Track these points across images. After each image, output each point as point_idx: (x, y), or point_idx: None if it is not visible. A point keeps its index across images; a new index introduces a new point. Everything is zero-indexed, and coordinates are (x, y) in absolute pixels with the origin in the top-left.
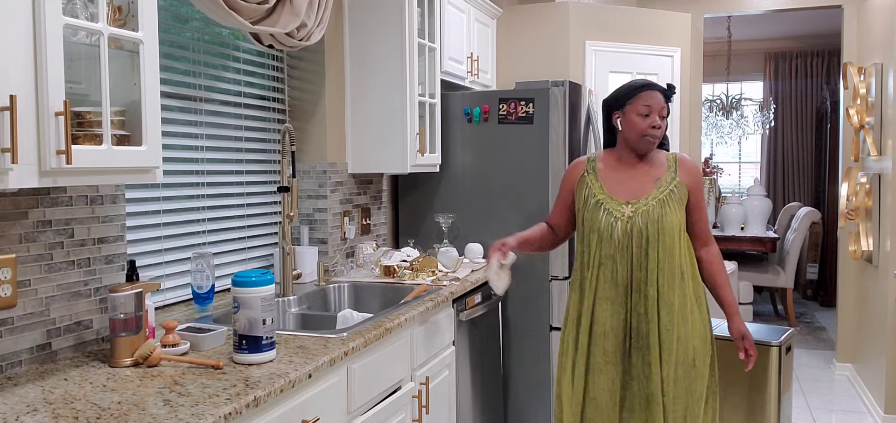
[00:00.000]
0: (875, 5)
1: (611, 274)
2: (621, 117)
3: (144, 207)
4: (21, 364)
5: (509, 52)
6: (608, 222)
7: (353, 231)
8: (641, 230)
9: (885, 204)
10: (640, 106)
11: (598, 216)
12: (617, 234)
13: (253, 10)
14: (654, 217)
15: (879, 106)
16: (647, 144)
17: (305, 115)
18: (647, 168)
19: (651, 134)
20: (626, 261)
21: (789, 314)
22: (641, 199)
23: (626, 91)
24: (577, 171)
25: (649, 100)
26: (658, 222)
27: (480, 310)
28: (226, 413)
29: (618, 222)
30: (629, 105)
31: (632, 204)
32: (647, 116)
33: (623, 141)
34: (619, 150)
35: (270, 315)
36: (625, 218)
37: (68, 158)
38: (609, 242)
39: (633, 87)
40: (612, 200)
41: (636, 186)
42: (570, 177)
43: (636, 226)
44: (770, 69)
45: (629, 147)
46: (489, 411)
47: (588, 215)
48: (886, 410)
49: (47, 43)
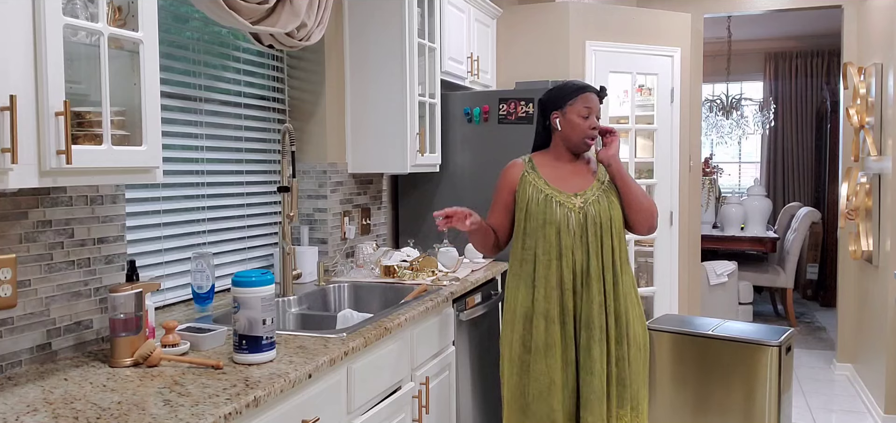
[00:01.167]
0: (875, 5)
1: (569, 264)
2: (561, 118)
3: (144, 208)
4: (21, 364)
5: (509, 52)
6: (563, 213)
7: (353, 231)
8: (595, 219)
9: (885, 204)
10: (580, 107)
11: (552, 209)
12: (572, 224)
13: (253, 10)
14: (605, 206)
15: (879, 106)
16: (586, 145)
17: (305, 115)
18: (583, 165)
19: (591, 135)
20: (583, 250)
21: (789, 314)
22: (587, 190)
23: (567, 93)
24: (515, 171)
25: (589, 102)
26: (609, 210)
27: (480, 310)
28: (226, 413)
29: (571, 212)
30: (569, 106)
31: (580, 196)
32: (587, 118)
33: (561, 141)
34: (556, 150)
35: (270, 315)
36: (577, 209)
37: (68, 158)
38: (566, 232)
39: (573, 88)
40: (560, 193)
41: (579, 181)
42: (510, 177)
43: (589, 215)
44: (770, 69)
45: (567, 147)
46: (489, 411)
47: (537, 210)
48: (886, 410)
49: (47, 43)
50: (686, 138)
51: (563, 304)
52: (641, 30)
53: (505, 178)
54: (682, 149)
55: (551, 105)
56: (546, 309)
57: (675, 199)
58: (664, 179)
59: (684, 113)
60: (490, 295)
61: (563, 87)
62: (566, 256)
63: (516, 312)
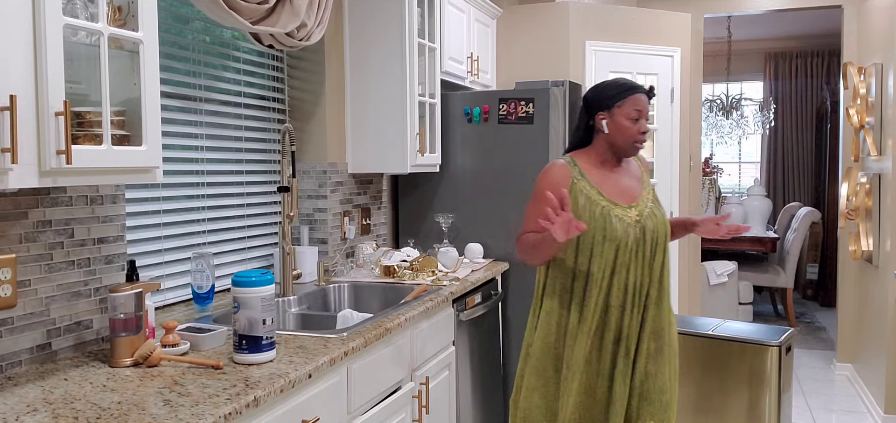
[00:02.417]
0: (875, 5)
1: (622, 282)
2: (608, 120)
3: (144, 208)
4: (21, 364)
5: (509, 52)
6: (623, 228)
7: (353, 231)
8: (652, 233)
9: (885, 204)
10: (630, 109)
11: (612, 224)
12: (630, 241)
13: (253, 11)
14: (660, 219)
15: (879, 106)
16: (635, 149)
17: (305, 115)
18: (628, 169)
19: (640, 139)
20: (637, 266)
21: (789, 314)
22: (639, 201)
23: (615, 92)
24: (562, 176)
25: (639, 103)
26: (663, 224)
27: (480, 310)
28: (226, 413)
29: (629, 227)
30: (618, 108)
31: (634, 208)
32: (636, 121)
33: (606, 143)
34: (600, 152)
35: (270, 315)
36: (633, 222)
37: (68, 158)
38: (624, 249)
39: (622, 87)
40: (616, 205)
41: (629, 189)
42: (557, 183)
43: (647, 229)
44: (770, 69)
45: (613, 150)
46: (489, 411)
47: (594, 224)
48: (886, 410)
49: (47, 43)
50: (686, 138)
51: (608, 321)
52: (641, 30)
53: (550, 182)
54: (682, 149)
55: (597, 105)
56: (592, 327)
57: (675, 199)
58: (664, 180)
59: (684, 113)
60: (490, 295)
61: (610, 85)
62: (620, 272)
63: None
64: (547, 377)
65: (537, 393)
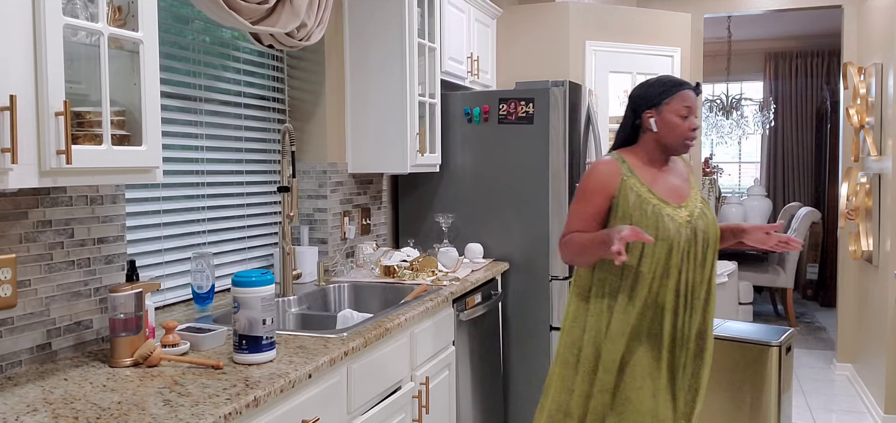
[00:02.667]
0: (875, 5)
1: (674, 283)
2: (657, 117)
3: (144, 208)
4: (21, 364)
5: (509, 52)
6: (675, 227)
7: (353, 231)
8: (703, 234)
9: (885, 204)
10: (679, 106)
11: (664, 224)
12: (681, 241)
13: (253, 11)
14: (711, 220)
15: (879, 106)
16: (685, 147)
17: (305, 115)
18: (675, 169)
19: (691, 137)
20: (689, 267)
21: (789, 314)
22: (688, 201)
23: (662, 89)
24: (612, 173)
25: (688, 100)
26: (714, 225)
27: (480, 310)
28: (226, 413)
29: (681, 227)
30: (666, 104)
31: (684, 208)
32: (686, 118)
33: (654, 142)
34: (648, 151)
35: (270, 315)
36: (684, 222)
37: (68, 158)
38: (676, 249)
39: (670, 84)
40: (668, 204)
41: (678, 189)
42: (607, 180)
43: (698, 230)
44: (770, 69)
45: (662, 149)
46: (489, 411)
47: (645, 223)
48: (886, 410)
49: (47, 43)
50: None
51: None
52: (641, 30)
53: (599, 179)
54: None
55: (644, 102)
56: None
57: None
58: None
59: None
60: (490, 295)
61: (657, 82)
62: (672, 274)
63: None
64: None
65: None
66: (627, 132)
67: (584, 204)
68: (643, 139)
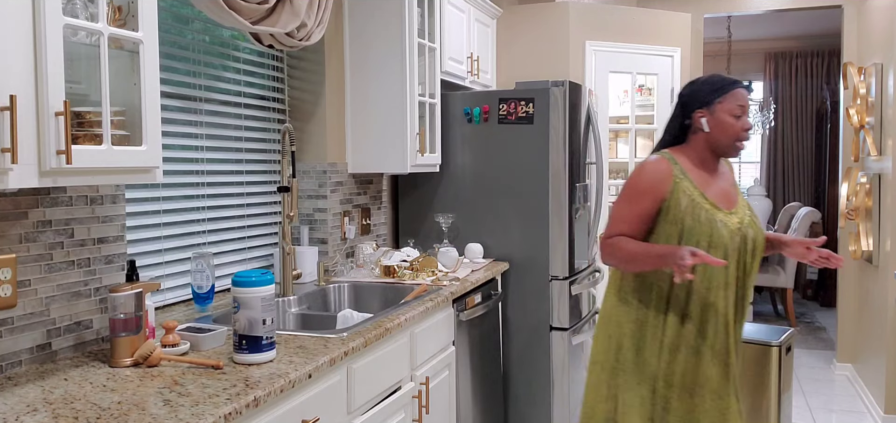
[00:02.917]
0: (875, 5)
1: (724, 293)
2: (709, 117)
3: (144, 208)
4: (21, 364)
5: (509, 52)
6: (729, 234)
7: (353, 231)
8: (753, 241)
9: (885, 204)
10: (732, 105)
11: (718, 230)
12: (734, 248)
13: (253, 10)
14: (758, 227)
15: (879, 106)
16: (736, 149)
17: (305, 115)
18: (723, 171)
19: (745, 137)
20: (737, 276)
21: (789, 314)
22: (737, 207)
23: (715, 88)
24: (665, 175)
25: (741, 99)
26: (761, 233)
27: (480, 310)
28: (226, 413)
29: (733, 234)
30: (719, 103)
31: (734, 214)
32: (739, 117)
33: (705, 142)
34: (698, 152)
35: (270, 315)
36: (735, 229)
37: (68, 158)
38: (732, 258)
39: (723, 82)
40: (720, 210)
41: (728, 193)
42: (659, 182)
43: (748, 238)
44: (770, 69)
45: (712, 150)
46: (489, 411)
47: (700, 229)
48: (886, 410)
49: (47, 43)
50: None
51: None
52: (641, 30)
53: (650, 181)
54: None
55: (696, 102)
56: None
57: None
58: None
59: None
60: (490, 295)
61: (709, 81)
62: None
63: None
64: (643, 395)
65: (635, 412)
66: (675, 132)
67: (632, 204)
68: (693, 140)
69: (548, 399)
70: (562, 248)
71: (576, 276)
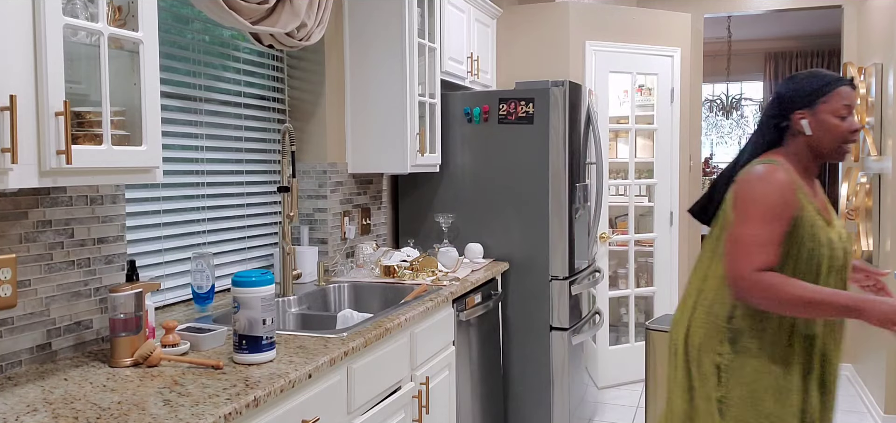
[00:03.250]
0: (875, 5)
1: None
2: (811, 118)
3: (144, 208)
4: (21, 364)
5: (509, 52)
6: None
7: (353, 231)
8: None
9: (885, 204)
10: (838, 105)
11: (836, 252)
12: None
13: (253, 10)
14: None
15: (879, 106)
16: (842, 153)
17: (305, 115)
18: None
19: (852, 140)
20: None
21: None
22: (834, 220)
23: (817, 86)
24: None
25: (848, 97)
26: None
27: (480, 310)
28: (226, 413)
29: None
30: (822, 103)
31: (836, 227)
32: (845, 118)
33: (807, 147)
34: (801, 158)
35: (270, 315)
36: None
37: (68, 158)
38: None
39: (826, 80)
40: (830, 227)
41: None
42: (792, 199)
43: (847, 253)
44: (770, 69)
45: (816, 155)
46: (489, 411)
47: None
48: (886, 410)
49: (47, 43)
50: (686, 138)
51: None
52: (641, 30)
53: (784, 196)
54: (682, 149)
55: (795, 103)
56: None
57: (675, 199)
58: (664, 179)
59: (684, 113)
60: (490, 295)
61: (809, 78)
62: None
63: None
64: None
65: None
66: (769, 135)
67: (771, 226)
68: (792, 144)
69: (548, 399)
70: (562, 248)
71: (576, 276)
